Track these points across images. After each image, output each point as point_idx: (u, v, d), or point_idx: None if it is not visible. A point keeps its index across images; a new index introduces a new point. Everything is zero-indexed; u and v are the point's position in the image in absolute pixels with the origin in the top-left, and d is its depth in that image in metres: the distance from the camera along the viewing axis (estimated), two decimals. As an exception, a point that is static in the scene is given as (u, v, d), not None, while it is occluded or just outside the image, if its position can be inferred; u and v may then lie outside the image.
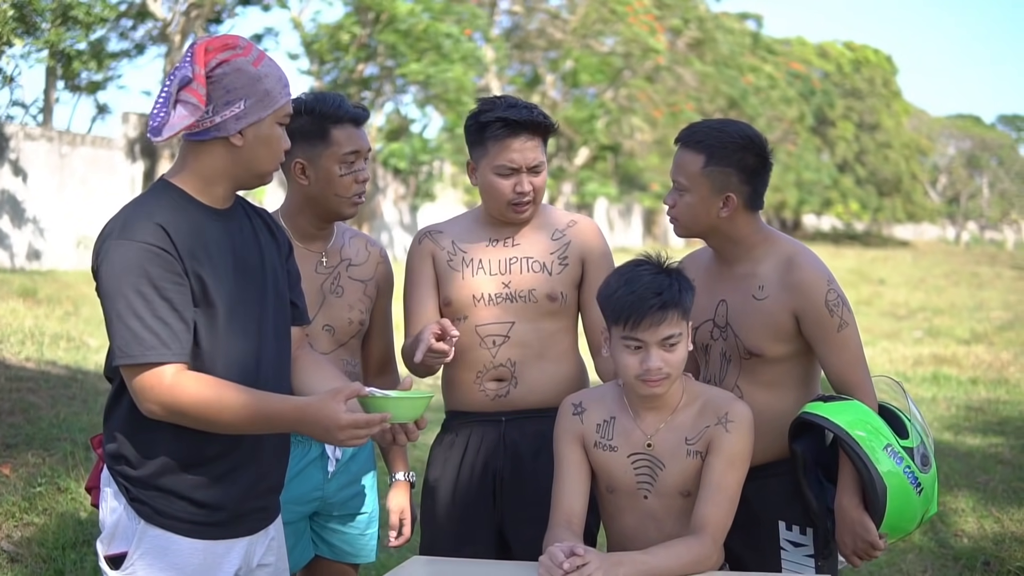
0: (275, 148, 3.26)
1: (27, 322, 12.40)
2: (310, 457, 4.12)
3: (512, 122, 4.03)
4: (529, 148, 4.06)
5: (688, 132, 3.92)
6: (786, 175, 51.20)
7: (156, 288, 3.02)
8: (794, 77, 53.39)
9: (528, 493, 4.10)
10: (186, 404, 3.02)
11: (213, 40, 3.19)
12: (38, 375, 9.35)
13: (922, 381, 13.68)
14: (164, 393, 3.01)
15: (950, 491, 8.23)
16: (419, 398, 3.22)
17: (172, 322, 3.03)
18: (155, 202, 3.16)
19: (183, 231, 3.12)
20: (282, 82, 3.23)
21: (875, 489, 3.60)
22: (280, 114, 3.23)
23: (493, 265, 4.18)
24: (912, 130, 70.63)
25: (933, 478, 3.75)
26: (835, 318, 3.75)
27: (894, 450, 3.63)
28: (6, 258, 19.84)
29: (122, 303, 3.02)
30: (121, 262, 3.03)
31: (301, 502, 4.10)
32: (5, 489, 6.85)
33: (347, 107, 4.06)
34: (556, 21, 37.20)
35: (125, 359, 3.02)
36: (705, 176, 3.80)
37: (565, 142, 40.29)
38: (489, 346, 4.15)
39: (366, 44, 29.25)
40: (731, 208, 3.81)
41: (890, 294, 29.07)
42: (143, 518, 3.18)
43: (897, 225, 73.06)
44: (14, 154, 20.04)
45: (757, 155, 3.85)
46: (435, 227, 4.35)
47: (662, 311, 3.48)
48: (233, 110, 3.14)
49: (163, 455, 3.16)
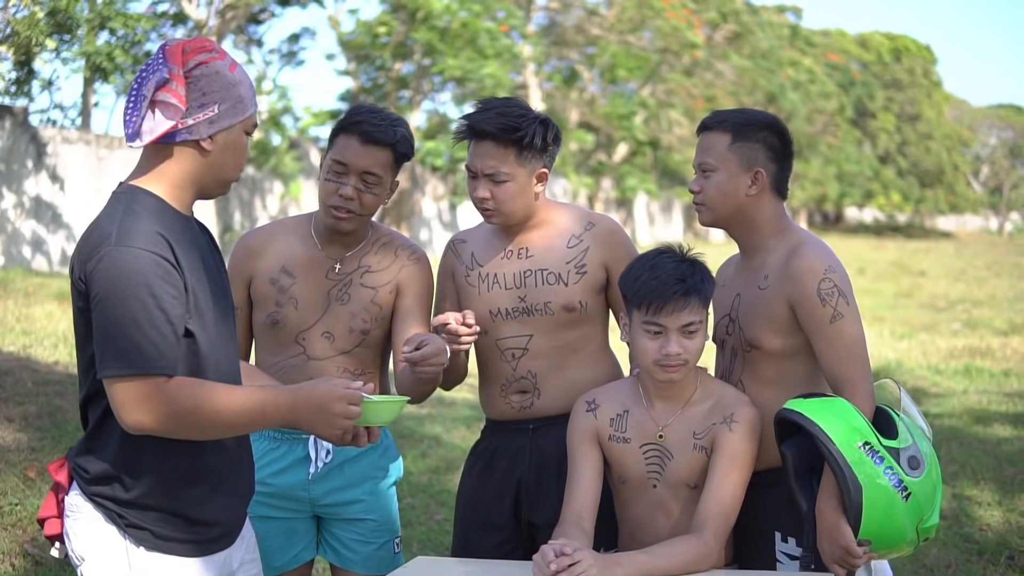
0: (240, 156, 3.22)
1: (61, 325, 12.45)
2: (295, 456, 4.13)
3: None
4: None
5: (710, 117, 3.94)
6: (827, 168, 50.98)
7: (155, 297, 2.93)
8: (833, 69, 53.11)
9: (553, 498, 4.09)
10: (185, 410, 2.94)
11: (190, 41, 3.13)
12: (66, 378, 9.39)
13: (954, 374, 13.58)
14: (161, 401, 2.91)
15: (976, 484, 8.20)
16: (393, 402, 3.23)
17: (167, 334, 2.95)
18: (143, 209, 3.07)
19: (175, 239, 3.06)
20: (252, 91, 3.20)
21: (848, 489, 3.42)
22: (248, 123, 3.19)
23: (508, 279, 4.15)
24: (953, 120, 70.13)
25: (930, 485, 3.51)
26: (827, 308, 3.64)
27: (873, 449, 3.44)
28: (44, 262, 19.96)
29: (121, 311, 2.91)
30: (123, 269, 2.92)
31: (286, 498, 4.12)
32: (31, 492, 6.90)
33: (363, 120, 3.98)
34: (593, 17, 37.12)
35: (123, 370, 2.91)
36: (733, 152, 3.81)
37: (604, 138, 40.21)
38: (509, 359, 4.16)
39: (402, 43, 29.28)
40: (760, 185, 3.80)
41: (930, 286, 28.91)
42: (142, 544, 3.10)
43: (940, 216, 72.51)
44: (52, 158, 20.13)
45: (780, 136, 3.86)
46: (460, 236, 4.37)
47: (685, 297, 3.57)
48: (206, 113, 3.09)
49: (160, 473, 3.09)
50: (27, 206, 19.62)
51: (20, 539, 6.36)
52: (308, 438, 4.12)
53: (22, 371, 9.55)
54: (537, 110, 4.10)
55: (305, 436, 4.11)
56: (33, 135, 19.85)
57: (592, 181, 38.33)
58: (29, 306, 14.03)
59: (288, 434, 4.11)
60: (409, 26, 28.66)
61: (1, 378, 9.16)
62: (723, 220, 3.90)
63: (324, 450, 4.13)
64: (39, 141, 19.96)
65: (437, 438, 9.51)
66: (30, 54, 17.83)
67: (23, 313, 13.39)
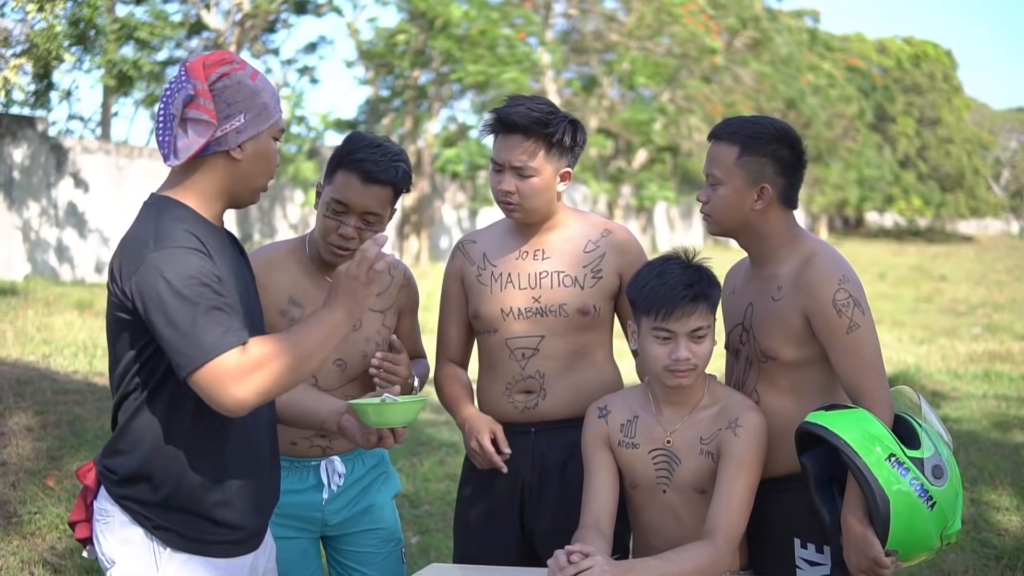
0: (271, 163, 3.25)
1: (81, 335, 12.52)
2: (307, 483, 4.15)
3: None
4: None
5: (721, 126, 3.91)
6: (847, 172, 50.79)
7: (204, 286, 2.97)
8: (852, 73, 52.99)
9: (556, 504, 4.12)
10: (270, 363, 2.97)
11: (209, 56, 3.18)
12: (85, 387, 9.44)
13: (973, 378, 13.50)
14: (244, 370, 2.93)
15: (994, 489, 8.16)
16: (412, 402, 3.25)
17: (224, 307, 2.98)
18: (173, 217, 3.12)
19: (209, 246, 3.11)
20: (276, 97, 3.24)
21: (876, 502, 3.43)
22: (275, 129, 3.23)
23: (523, 279, 4.16)
24: (973, 124, 69.81)
25: (952, 492, 3.53)
26: (843, 319, 3.63)
27: (899, 461, 3.45)
28: (68, 271, 20.03)
29: (176, 310, 2.94)
30: (167, 269, 2.96)
31: (301, 519, 4.13)
32: (49, 500, 6.95)
33: (365, 159, 3.95)
34: (612, 23, 37.08)
35: (194, 362, 2.92)
36: (739, 167, 3.79)
37: (623, 144, 40.16)
38: (519, 358, 4.16)
39: (421, 51, 29.31)
40: (766, 200, 3.79)
41: (951, 290, 28.80)
42: (169, 546, 3.15)
43: (960, 220, 72.18)
44: (73, 168, 20.22)
45: (792, 148, 3.83)
46: (470, 237, 4.37)
47: (693, 303, 3.63)
48: (233, 123, 3.14)
49: (186, 475, 3.15)
50: (49, 215, 19.69)
51: (39, 548, 6.41)
52: (319, 464, 4.15)
53: (41, 380, 9.61)
54: (566, 111, 4.11)
55: (315, 463, 4.15)
56: (54, 145, 19.95)
57: (612, 187, 38.28)
58: (50, 315, 14.11)
59: (298, 462, 4.12)
60: (428, 34, 28.67)
61: (20, 387, 9.21)
62: (730, 232, 3.90)
63: (336, 474, 4.15)
64: (60, 151, 20.04)
65: (455, 445, 9.52)
66: (49, 66, 17.88)
67: (43, 323, 13.46)
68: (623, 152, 40.75)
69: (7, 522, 6.66)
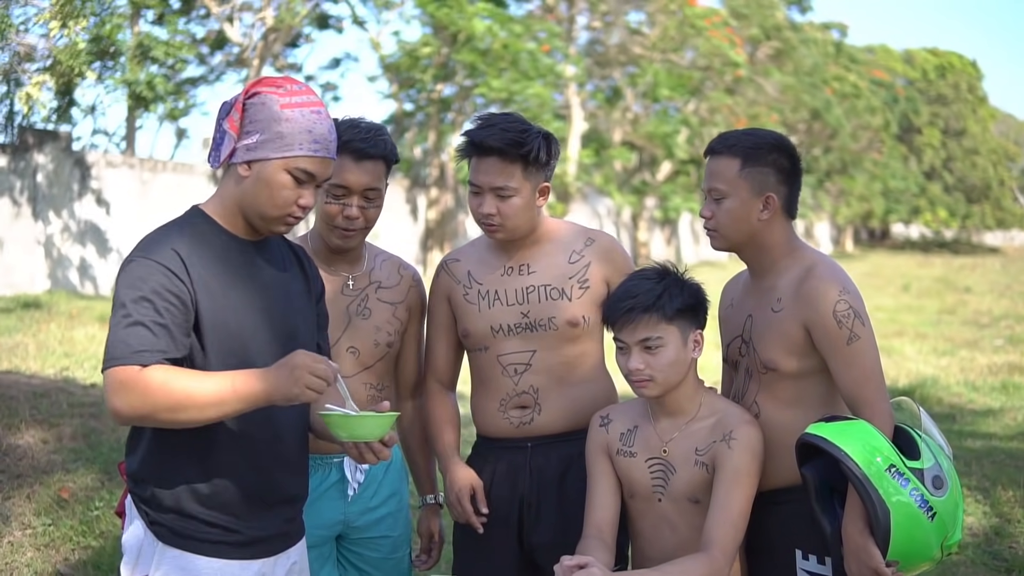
0: (275, 194, 3.23)
1: (101, 348, 12.53)
2: (330, 481, 4.15)
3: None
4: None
5: (718, 140, 3.91)
6: (872, 184, 50.72)
7: (148, 301, 3.04)
8: (877, 85, 52.89)
9: (555, 517, 4.13)
10: (154, 392, 2.97)
11: (275, 78, 3.26)
12: (101, 400, 9.46)
13: (991, 390, 13.45)
14: (131, 388, 2.97)
15: (1007, 502, 8.13)
16: (383, 417, 3.23)
17: (153, 328, 3.03)
18: (177, 230, 3.22)
19: (203, 260, 3.17)
20: (310, 136, 3.21)
21: (876, 513, 3.44)
22: (291, 164, 3.20)
23: (510, 295, 4.16)
24: (999, 135, 69.56)
25: (952, 503, 3.54)
26: (844, 330, 3.63)
27: (899, 471, 3.46)
28: (91, 286, 20.11)
29: (118, 313, 3.05)
30: (130, 277, 3.08)
31: (323, 526, 4.12)
32: (64, 512, 6.99)
33: (351, 139, 3.98)
34: (635, 36, 37.07)
35: (105, 363, 3.01)
36: (743, 178, 3.79)
37: (647, 157, 40.15)
38: (511, 374, 4.16)
39: (444, 64, 29.35)
40: (771, 210, 3.80)
41: (975, 302, 28.62)
42: (160, 539, 3.22)
43: (987, 232, 71.96)
44: (96, 182, 20.30)
45: (790, 156, 3.85)
46: (452, 256, 4.36)
47: (630, 313, 3.68)
48: (247, 140, 3.20)
49: (180, 475, 3.21)
50: (72, 229, 19.77)
51: (53, 559, 6.44)
52: (340, 460, 4.16)
53: (59, 393, 9.69)
54: (538, 126, 4.10)
55: (337, 459, 4.15)
56: (77, 159, 20.02)
57: (636, 199, 38.28)
58: (72, 328, 14.18)
59: (320, 459, 4.11)
60: (451, 48, 28.71)
61: (38, 400, 9.28)
62: (736, 246, 3.89)
63: (358, 470, 4.18)
64: (83, 165, 20.12)
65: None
66: (71, 83, 17.99)
67: (65, 336, 13.53)
68: (647, 164, 40.73)
69: (21, 533, 6.70)
